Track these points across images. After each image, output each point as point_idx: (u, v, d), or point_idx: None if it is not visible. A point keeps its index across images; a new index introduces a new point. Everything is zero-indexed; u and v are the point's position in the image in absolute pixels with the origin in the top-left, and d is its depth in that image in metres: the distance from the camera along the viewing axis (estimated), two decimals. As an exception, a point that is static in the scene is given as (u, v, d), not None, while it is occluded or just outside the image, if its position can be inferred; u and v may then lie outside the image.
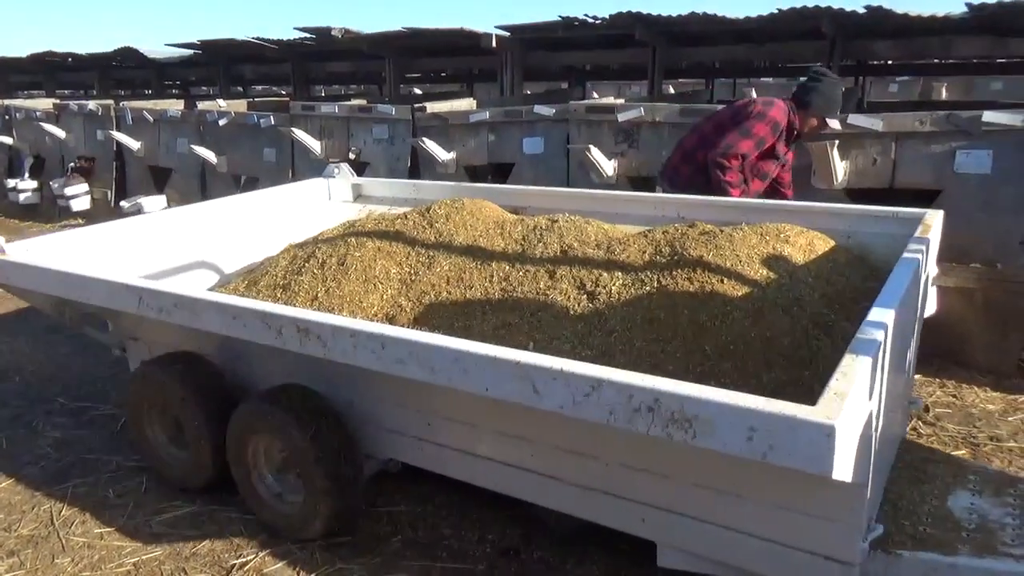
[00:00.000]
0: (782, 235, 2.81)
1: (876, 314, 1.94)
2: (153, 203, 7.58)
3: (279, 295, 3.19)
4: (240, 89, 13.02)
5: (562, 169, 5.53)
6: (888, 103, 9.28)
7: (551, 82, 10.88)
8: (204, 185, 7.70)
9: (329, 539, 2.67)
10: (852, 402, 1.58)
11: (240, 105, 8.27)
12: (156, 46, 13.20)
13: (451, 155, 5.97)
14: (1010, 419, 3.48)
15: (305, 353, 2.24)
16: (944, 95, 12.01)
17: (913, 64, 9.23)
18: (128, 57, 11.11)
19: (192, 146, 7.34)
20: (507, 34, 7.66)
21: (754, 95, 12.06)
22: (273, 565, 2.60)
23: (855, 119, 4.33)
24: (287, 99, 8.53)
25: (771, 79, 12.18)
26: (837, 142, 4.28)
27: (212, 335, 2.62)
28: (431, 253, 3.20)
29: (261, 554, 2.65)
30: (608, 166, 5.21)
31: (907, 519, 2.18)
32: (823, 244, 2.85)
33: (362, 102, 7.29)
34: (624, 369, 1.77)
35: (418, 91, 12.19)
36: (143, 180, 8.11)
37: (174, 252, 3.61)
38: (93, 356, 4.46)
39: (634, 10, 6.67)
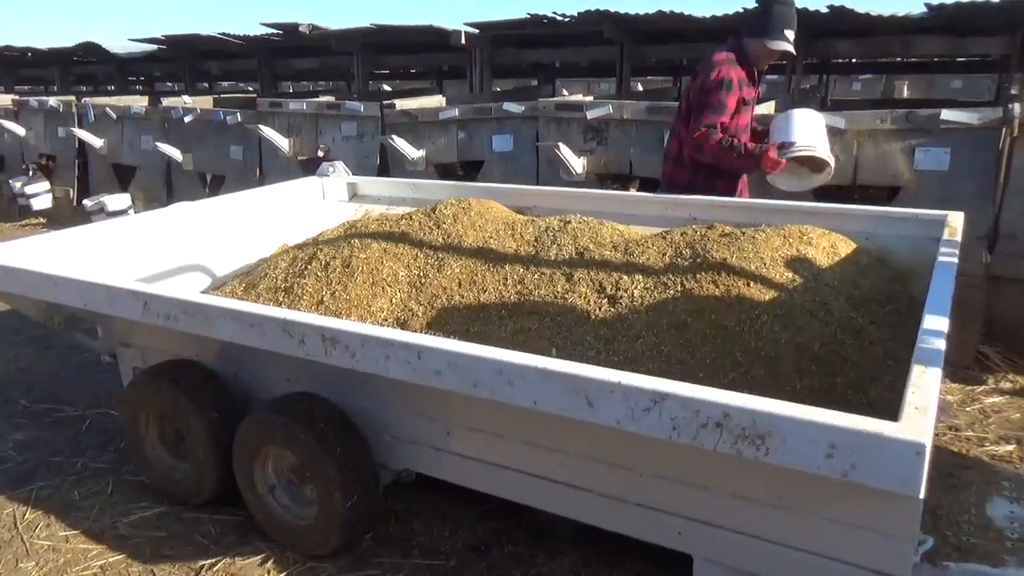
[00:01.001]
0: (805, 237, 2.74)
1: (932, 322, 1.89)
2: (117, 202, 7.40)
3: (281, 299, 3.05)
4: (206, 85, 12.74)
5: (531, 166, 5.50)
6: (851, 101, 9.37)
7: (521, 79, 10.88)
8: (169, 183, 7.50)
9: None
10: (931, 416, 1.52)
11: (206, 102, 8.09)
12: (119, 41, 12.97)
13: (420, 153, 5.94)
14: (968, 409, 3.53)
15: (331, 364, 2.11)
16: (906, 93, 12.22)
17: (875, 63, 9.40)
18: (90, 52, 10.81)
19: (157, 143, 7.15)
20: (476, 31, 7.61)
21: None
22: (244, 564, 2.55)
23: (819, 117, 4.42)
24: (254, 96, 8.37)
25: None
26: None
27: (213, 341, 2.48)
28: (440, 255, 3.08)
29: (231, 554, 2.60)
30: (577, 163, 5.20)
31: (949, 529, 2.14)
32: (846, 246, 2.78)
33: (330, 99, 7.17)
34: (655, 376, 1.70)
35: (387, 88, 12.07)
36: (106, 178, 7.88)
37: (164, 253, 3.45)
38: (57, 357, 4.32)
39: (602, 8, 6.72)
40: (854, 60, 9.24)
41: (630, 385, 1.67)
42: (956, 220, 2.76)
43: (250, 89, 11.21)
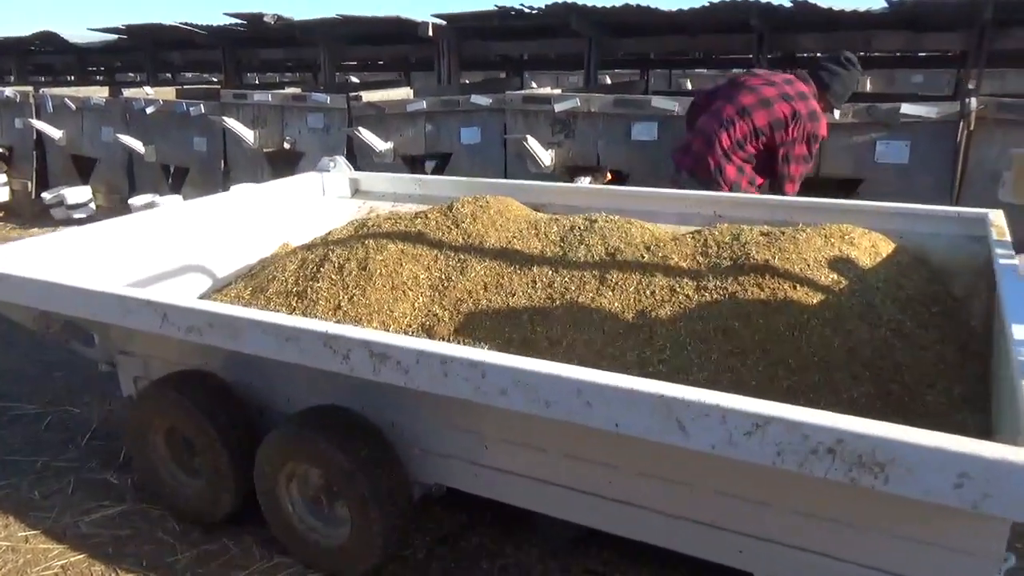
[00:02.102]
0: (846, 237, 2.64)
1: (1021, 332, 1.78)
2: (77, 194, 7.16)
3: (295, 303, 2.87)
4: (169, 76, 12.34)
5: (499, 159, 5.45)
6: (815, 95, 9.56)
7: (489, 71, 10.85)
8: (131, 176, 7.29)
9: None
10: None
11: (168, 93, 7.80)
12: (78, 30, 12.65)
13: (388, 145, 5.89)
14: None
15: (380, 381, 1.95)
16: (868, 87, 12.43)
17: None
18: (48, 41, 10.45)
19: (118, 135, 6.95)
20: (443, 23, 7.54)
21: (689, 86, 12.34)
22: (209, 563, 2.49)
23: (782, 111, 4.48)
24: (218, 87, 8.16)
25: (705, 70, 12.41)
26: None
27: (226, 350, 2.30)
28: (462, 256, 2.92)
29: (195, 551, 2.54)
30: (545, 156, 5.18)
31: (1020, 542, 2.06)
32: (886, 246, 2.68)
33: (296, 90, 7.00)
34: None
35: (355, 79, 11.93)
36: (66, 170, 7.63)
37: (159, 254, 3.23)
38: (20, 356, 4.14)
39: (569, 1, 6.72)
40: (818, 55, 9.34)
41: (730, 408, 1.54)
42: (999, 219, 2.66)
43: (214, 80, 11.03)
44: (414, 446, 2.36)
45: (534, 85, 9.78)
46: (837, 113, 4.04)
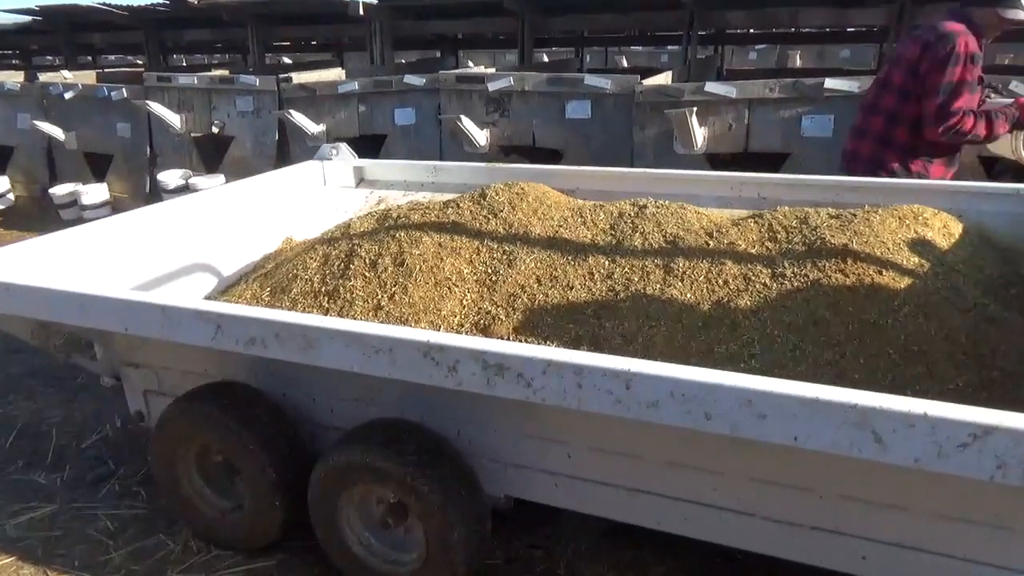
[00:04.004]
0: (919, 217, 2.51)
1: None
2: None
3: (327, 304, 2.59)
4: (90, 59, 11.66)
5: (435, 140, 5.37)
6: (747, 71, 9.50)
7: (425, 51, 10.73)
8: (52, 164, 6.92)
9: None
10: None
11: (88, 76, 7.39)
12: (-11, 11, 12.04)
13: (320, 127, 5.77)
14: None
15: (494, 395, 1.72)
16: (798, 63, 12.70)
17: (769, 33, 9.73)
18: (-44, 24, 10.06)
19: (35, 122, 6.57)
20: (374, 2, 7.43)
21: (625, 63, 12.41)
22: (145, 560, 2.40)
23: (711, 87, 4.53)
24: (142, 70, 7.98)
25: (640, 47, 12.51)
26: (695, 109, 4.48)
27: (256, 359, 2.04)
28: (506, 247, 2.68)
29: (130, 548, 2.45)
30: (480, 136, 5.10)
31: None
32: (956, 226, 2.56)
33: (224, 72, 6.75)
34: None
35: (287, 60, 11.67)
36: (-22, 159, 7.35)
37: (153, 256, 2.92)
38: None
39: (502, -22, 6.68)
40: (750, 31, 9.51)
41: (941, 417, 1.38)
42: None
43: (139, 63, 10.63)
44: (482, 457, 2.15)
45: (470, 64, 9.69)
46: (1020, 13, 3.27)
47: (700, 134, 4.55)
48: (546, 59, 10.34)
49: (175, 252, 2.99)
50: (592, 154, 4.98)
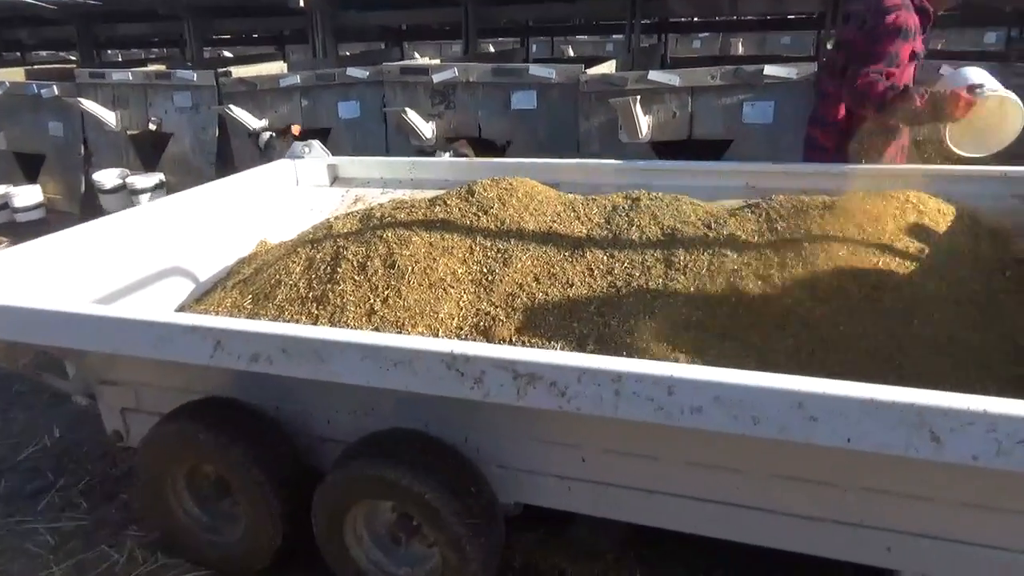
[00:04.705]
0: (915, 203, 2.50)
1: None
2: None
3: (316, 310, 2.46)
4: (18, 55, 11.33)
5: (380, 133, 5.27)
6: (690, 59, 9.56)
7: (369, 43, 10.58)
8: None
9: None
10: None
11: (16, 74, 7.08)
12: (-93, 7, 11.48)
13: (262, 122, 5.60)
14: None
15: (524, 406, 1.64)
16: (740, 50, 12.90)
17: (712, 21, 9.85)
18: None
19: None
20: (315, -7, 7.33)
21: (571, 52, 12.43)
22: (89, 572, 2.33)
23: (654, 75, 4.55)
24: (74, 66, 7.70)
25: (586, 37, 12.54)
26: (639, 98, 4.50)
27: (243, 373, 1.92)
28: (500, 245, 2.59)
29: (72, 561, 2.36)
30: (426, 128, 5.02)
31: None
32: (949, 210, 2.55)
33: (160, 67, 6.54)
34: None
35: (228, 55, 11.42)
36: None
37: (123, 265, 2.75)
38: None
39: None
40: (693, 19, 9.61)
41: (1001, 414, 1.35)
42: None
43: (72, 59, 10.27)
44: (491, 463, 2.07)
45: (416, 56, 9.58)
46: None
47: (645, 122, 4.55)
48: (492, 49, 10.29)
49: (143, 261, 2.83)
50: (538, 144, 4.93)
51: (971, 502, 1.67)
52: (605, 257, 2.51)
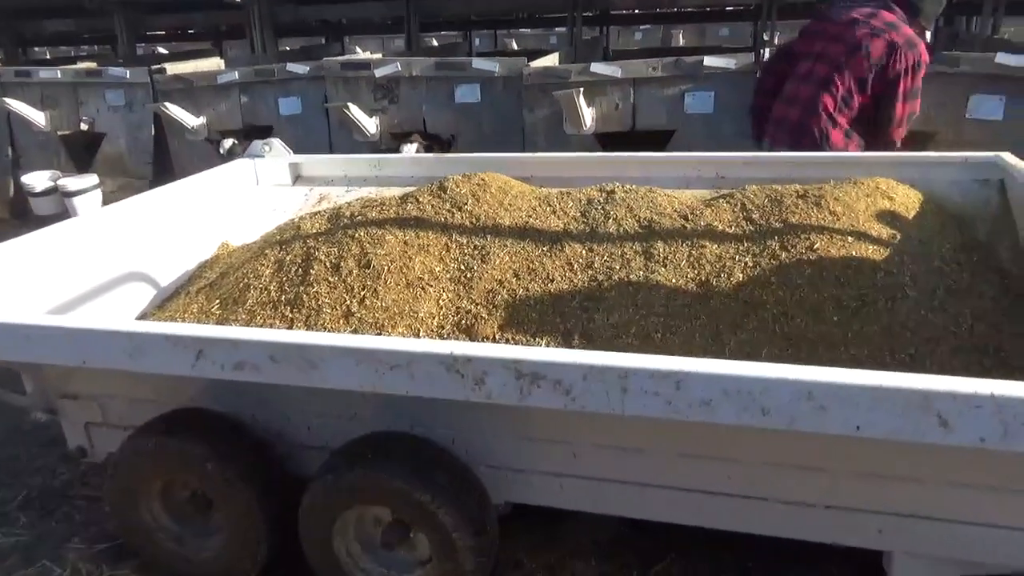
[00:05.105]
0: (884, 191, 2.53)
1: None
2: None
3: (290, 314, 2.38)
4: None
5: (323, 129, 5.19)
6: (632, 51, 9.64)
7: (310, 37, 10.40)
8: None
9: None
10: None
11: None
12: None
13: (200, 120, 5.49)
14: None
15: (528, 405, 1.61)
16: (681, 42, 13.05)
17: (652, 13, 9.94)
18: None
19: None
20: (252, -14, 7.17)
21: (515, 46, 12.41)
22: None
23: (597, 67, 4.57)
24: (-2, 64, 7.39)
25: (529, 30, 12.54)
26: (582, 90, 4.51)
27: (215, 380, 1.85)
28: (476, 242, 2.55)
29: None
30: (370, 124, 4.97)
31: None
32: (915, 196, 2.59)
33: (91, 65, 6.32)
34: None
35: (163, 51, 11.11)
36: None
37: (78, 272, 2.62)
38: None
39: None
40: (635, 11, 9.68)
41: (1008, 396, 1.37)
42: (1013, 159, 2.64)
43: (-2, 57, 9.83)
44: (480, 463, 2.04)
45: (358, 50, 9.44)
46: (928, 35, 3.62)
47: (589, 114, 4.58)
48: (435, 43, 10.20)
49: (99, 268, 2.69)
50: (483, 138, 4.93)
51: (959, 481, 1.70)
52: (584, 251, 2.49)
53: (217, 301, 2.58)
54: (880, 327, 2.10)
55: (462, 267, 2.52)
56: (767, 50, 4.44)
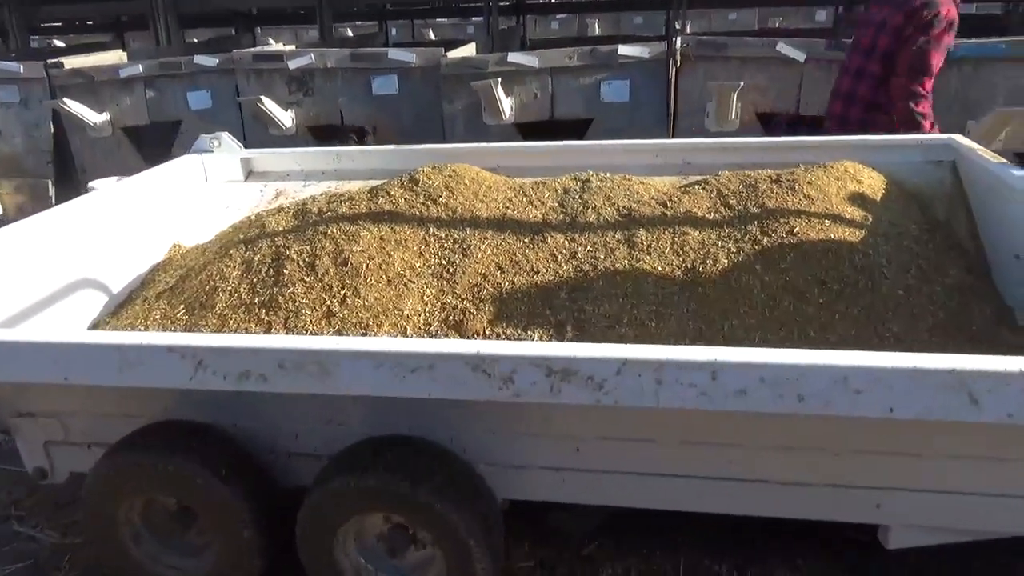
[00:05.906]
0: (852, 174, 2.55)
1: None
2: None
3: (267, 317, 2.24)
4: None
5: (236, 123, 5.04)
6: (550, 40, 9.67)
7: (219, 28, 9.86)
8: None
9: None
10: None
11: None
12: None
13: (104, 116, 5.18)
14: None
15: (560, 402, 1.56)
16: (597, 31, 13.06)
17: (568, 3, 9.87)
18: None
19: None
20: (155, -25, 6.68)
21: (432, 36, 12.11)
22: None
23: (514, 57, 4.48)
24: None
25: (446, 19, 12.26)
26: (500, 80, 4.39)
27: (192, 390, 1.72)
28: (456, 235, 2.45)
29: None
30: (286, 117, 4.85)
31: None
32: (879, 179, 2.62)
33: None
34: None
35: (60, 44, 10.36)
36: None
37: (22, 280, 2.40)
38: None
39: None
40: (551, 1, 9.56)
41: None
42: (965, 140, 2.71)
43: None
44: (478, 462, 1.98)
45: (271, 42, 9.00)
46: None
47: (507, 104, 4.54)
48: (351, 34, 9.84)
49: (43, 275, 2.47)
50: (403, 129, 4.83)
51: (957, 453, 1.73)
52: (566, 241, 2.43)
53: (182, 306, 2.41)
54: (863, 307, 2.11)
55: (443, 261, 2.42)
56: (679, 39, 4.41)
